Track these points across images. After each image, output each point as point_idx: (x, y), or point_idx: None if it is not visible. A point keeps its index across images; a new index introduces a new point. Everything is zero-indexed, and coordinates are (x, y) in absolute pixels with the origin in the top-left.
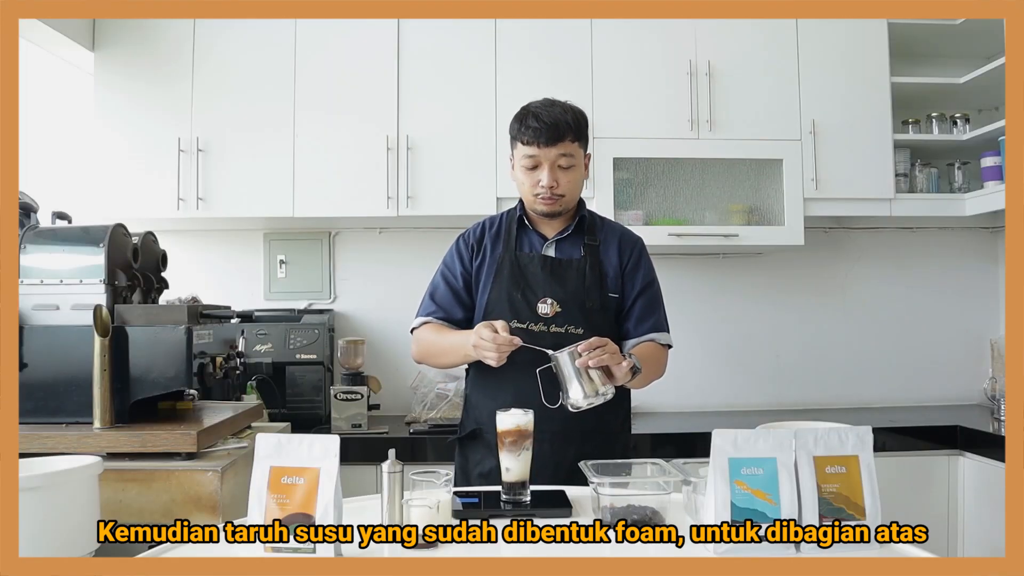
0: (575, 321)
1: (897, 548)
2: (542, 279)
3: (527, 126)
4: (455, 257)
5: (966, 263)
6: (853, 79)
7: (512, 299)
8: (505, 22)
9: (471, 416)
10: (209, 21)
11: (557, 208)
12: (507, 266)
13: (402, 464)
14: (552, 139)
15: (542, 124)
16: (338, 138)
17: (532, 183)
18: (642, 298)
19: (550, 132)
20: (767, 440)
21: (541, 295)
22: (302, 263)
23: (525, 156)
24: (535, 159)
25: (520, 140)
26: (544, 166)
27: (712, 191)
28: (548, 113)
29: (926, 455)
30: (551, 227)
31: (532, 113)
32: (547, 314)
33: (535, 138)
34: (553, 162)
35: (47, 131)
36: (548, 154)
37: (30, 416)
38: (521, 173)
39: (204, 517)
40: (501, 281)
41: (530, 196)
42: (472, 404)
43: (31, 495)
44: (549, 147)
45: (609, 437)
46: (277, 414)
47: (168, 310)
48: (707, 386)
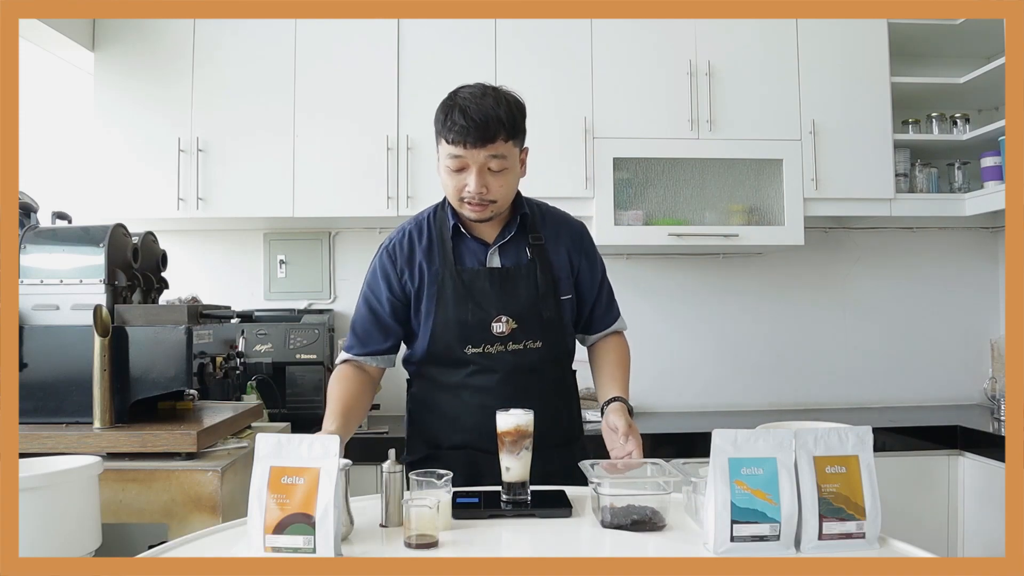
0: (533, 335)
1: (897, 548)
2: (492, 295)
3: (452, 121)
4: (380, 279)
5: (966, 263)
6: (853, 79)
7: (462, 323)
8: (505, 22)
9: (421, 438)
10: (209, 21)
11: (487, 215)
12: (450, 285)
13: (402, 464)
14: (481, 139)
15: (470, 121)
16: (338, 138)
17: (458, 187)
18: (601, 291)
19: (479, 131)
20: (767, 440)
21: (495, 313)
22: (302, 263)
23: (450, 156)
24: (461, 160)
25: (444, 138)
26: (472, 169)
27: (712, 191)
28: (478, 107)
29: (926, 455)
30: (489, 229)
31: (459, 107)
32: (503, 333)
33: (461, 137)
34: (482, 165)
35: (47, 131)
36: (476, 156)
37: (30, 416)
38: (445, 174)
39: (204, 517)
40: (445, 304)
41: (455, 199)
42: (419, 425)
43: (31, 495)
44: (477, 148)
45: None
46: (277, 414)
47: (168, 310)
48: (707, 386)
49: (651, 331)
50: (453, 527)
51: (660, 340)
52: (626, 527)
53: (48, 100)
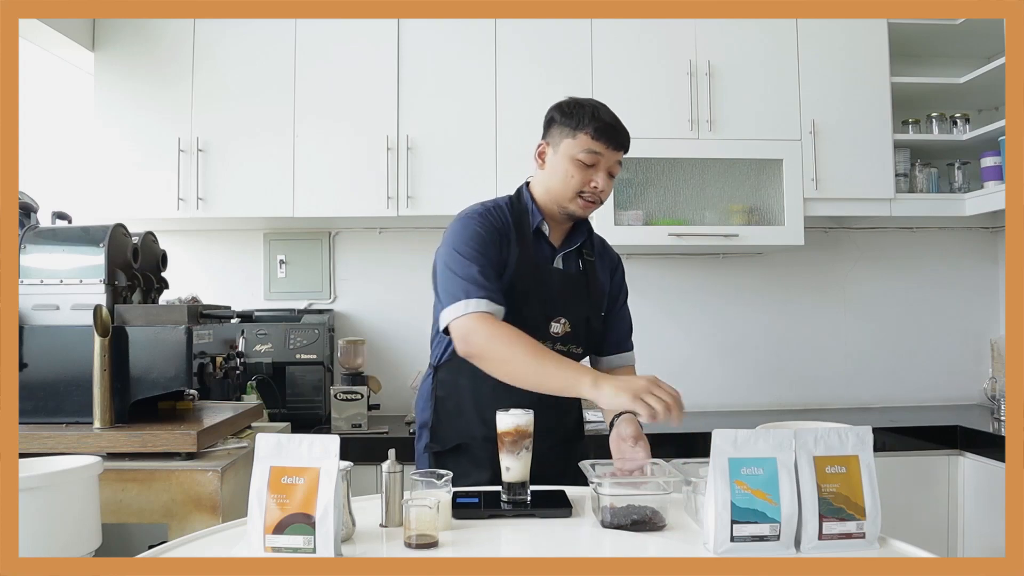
0: (579, 340)
1: (897, 548)
2: (557, 296)
3: (600, 120)
4: (489, 238)
5: (966, 263)
6: (853, 79)
7: (530, 314)
8: (505, 22)
9: (451, 427)
10: (209, 21)
11: (590, 212)
12: (529, 275)
13: (402, 464)
14: (619, 143)
15: (615, 123)
16: (338, 138)
17: (583, 180)
18: (623, 320)
19: (620, 135)
20: (767, 440)
21: (556, 313)
22: (302, 263)
23: (587, 151)
24: (597, 157)
25: (586, 132)
26: (601, 167)
27: (712, 191)
28: (611, 115)
29: (926, 455)
30: (557, 235)
31: (599, 108)
32: (558, 333)
33: (605, 136)
34: (611, 167)
35: (47, 131)
36: (610, 157)
37: (30, 416)
38: (572, 166)
39: (204, 517)
40: (523, 291)
41: (571, 193)
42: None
43: (31, 495)
44: (615, 150)
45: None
46: (277, 414)
47: (168, 310)
48: (707, 386)
49: (651, 331)
50: (453, 527)
51: (660, 340)
52: (626, 527)
53: (48, 100)
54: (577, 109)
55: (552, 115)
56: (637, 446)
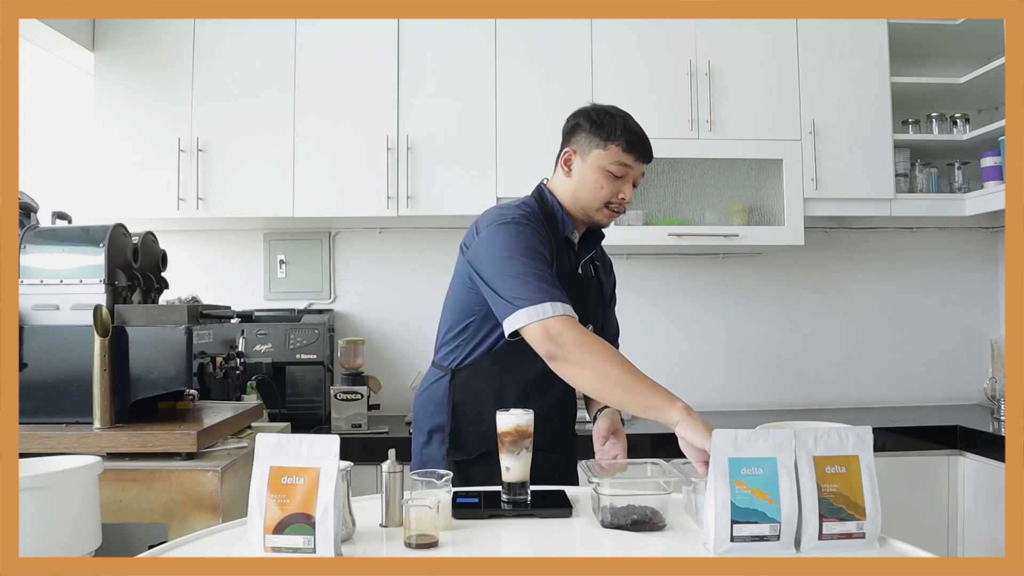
0: None
1: (897, 548)
2: (581, 300)
3: (631, 132)
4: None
5: (966, 263)
6: (853, 79)
7: None
8: (505, 22)
9: (474, 433)
10: (209, 21)
11: (611, 222)
12: (566, 283)
13: (402, 464)
14: (647, 155)
15: (644, 136)
16: (338, 138)
17: (613, 191)
18: (615, 317)
19: (648, 148)
20: (767, 440)
21: (586, 321)
22: (302, 263)
23: (618, 163)
24: (625, 169)
25: (618, 144)
26: (629, 179)
27: (712, 191)
28: (638, 126)
29: (926, 455)
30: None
31: (628, 119)
32: None
33: (636, 148)
34: (637, 178)
35: (47, 131)
36: (638, 169)
37: (30, 416)
38: (602, 176)
39: (204, 517)
40: None
41: (598, 203)
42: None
43: (31, 495)
44: (640, 162)
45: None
46: (277, 414)
47: (168, 310)
48: (707, 386)
49: (651, 331)
50: (453, 527)
51: (660, 340)
52: (626, 527)
53: (48, 100)
54: (608, 119)
55: (578, 122)
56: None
